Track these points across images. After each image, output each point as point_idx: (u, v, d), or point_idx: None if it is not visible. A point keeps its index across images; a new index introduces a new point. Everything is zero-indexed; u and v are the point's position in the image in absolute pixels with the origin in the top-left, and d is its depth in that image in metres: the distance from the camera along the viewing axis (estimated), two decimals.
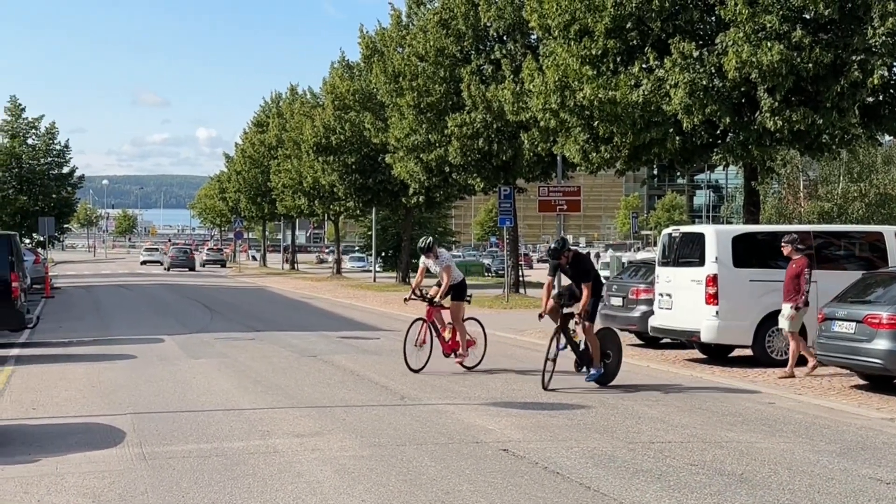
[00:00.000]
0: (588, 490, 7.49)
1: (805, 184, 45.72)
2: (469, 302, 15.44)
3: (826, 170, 41.81)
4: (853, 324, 12.73)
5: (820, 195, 42.92)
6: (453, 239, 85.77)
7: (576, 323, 12.92)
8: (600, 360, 13.08)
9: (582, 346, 13.06)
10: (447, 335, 15.08)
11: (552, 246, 13.25)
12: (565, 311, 13.14)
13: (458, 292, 15.09)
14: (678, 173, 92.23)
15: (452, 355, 15.02)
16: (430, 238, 15.69)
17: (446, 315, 15.18)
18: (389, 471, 8.12)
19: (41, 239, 49.84)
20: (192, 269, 66.54)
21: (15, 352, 17.82)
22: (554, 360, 12.72)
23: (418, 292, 14.97)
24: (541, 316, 13.22)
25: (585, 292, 12.75)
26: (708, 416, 11.01)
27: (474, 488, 7.54)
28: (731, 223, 46.09)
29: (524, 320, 23.97)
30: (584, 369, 13.15)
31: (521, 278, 35.08)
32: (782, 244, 14.51)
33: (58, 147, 54.16)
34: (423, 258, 15.38)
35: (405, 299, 15.43)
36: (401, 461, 8.47)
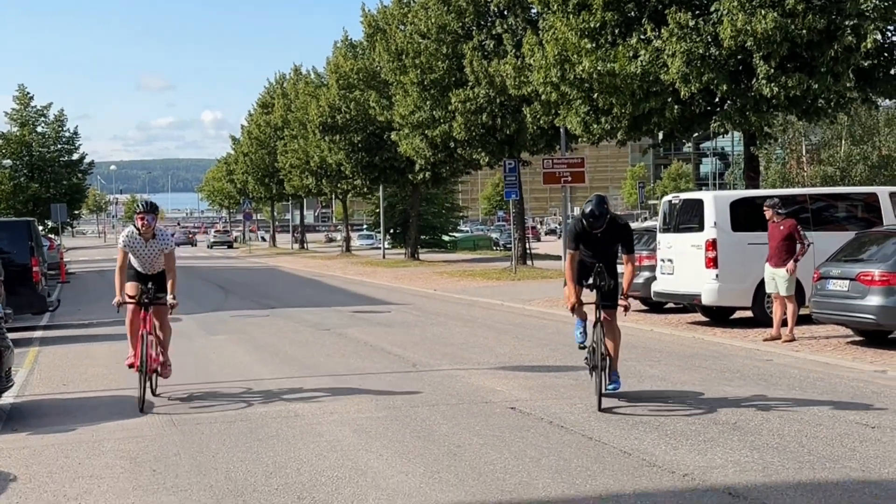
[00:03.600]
0: (590, 440, 8.01)
1: (808, 148, 46.00)
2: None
3: (828, 134, 42.11)
4: (847, 282, 13.20)
5: (822, 159, 43.22)
6: (461, 214, 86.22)
7: (625, 309, 9.58)
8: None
9: (604, 348, 9.52)
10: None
11: (589, 209, 9.38)
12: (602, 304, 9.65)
13: None
14: (683, 141, 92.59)
15: None
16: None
17: None
18: (404, 429, 8.65)
19: (54, 225, 50.42)
20: (194, 245, 77.50)
21: (39, 333, 18.41)
22: (605, 368, 9.50)
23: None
24: (573, 309, 9.86)
25: (630, 267, 9.60)
26: (707, 373, 11.52)
27: (484, 441, 8.07)
28: (736, 189, 46.39)
29: (531, 291, 24.53)
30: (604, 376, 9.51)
31: (527, 251, 35.56)
32: (764, 209, 14.62)
33: (67, 134, 54.65)
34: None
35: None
36: (414, 420, 9.00)
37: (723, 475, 6.83)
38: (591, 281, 9.61)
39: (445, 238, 68.25)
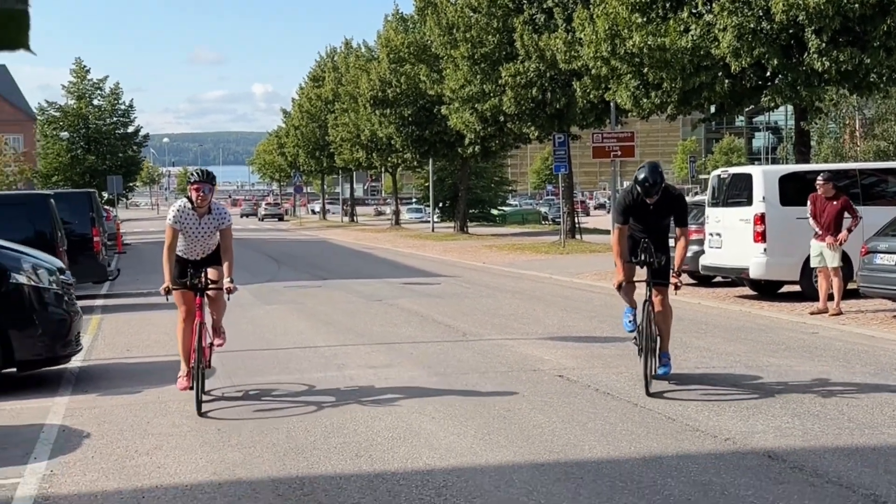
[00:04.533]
0: (635, 406, 8.28)
1: (861, 123, 45.43)
2: None
3: (882, 108, 41.62)
4: (894, 256, 13.28)
5: (876, 134, 42.73)
6: (510, 188, 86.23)
7: (675, 288, 9.03)
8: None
9: (654, 329, 8.98)
10: None
11: (643, 176, 8.75)
12: (653, 281, 9.08)
13: None
14: (736, 116, 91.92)
15: None
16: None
17: None
18: (456, 394, 8.98)
19: (110, 197, 51.46)
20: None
21: (100, 302, 19.01)
22: (653, 350, 8.95)
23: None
24: (619, 287, 9.30)
25: (683, 242, 9.10)
26: (752, 345, 11.71)
27: (532, 406, 8.37)
28: (787, 163, 46.02)
29: (580, 264, 24.73)
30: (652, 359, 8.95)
31: (576, 224, 35.70)
32: (819, 183, 14.55)
33: (122, 107, 55.66)
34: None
35: None
36: (466, 387, 9.33)
37: (763, 440, 7.07)
38: (640, 257, 9.03)
39: (494, 212, 68.39)
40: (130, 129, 55.27)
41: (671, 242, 9.26)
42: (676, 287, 9.00)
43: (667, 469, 6.37)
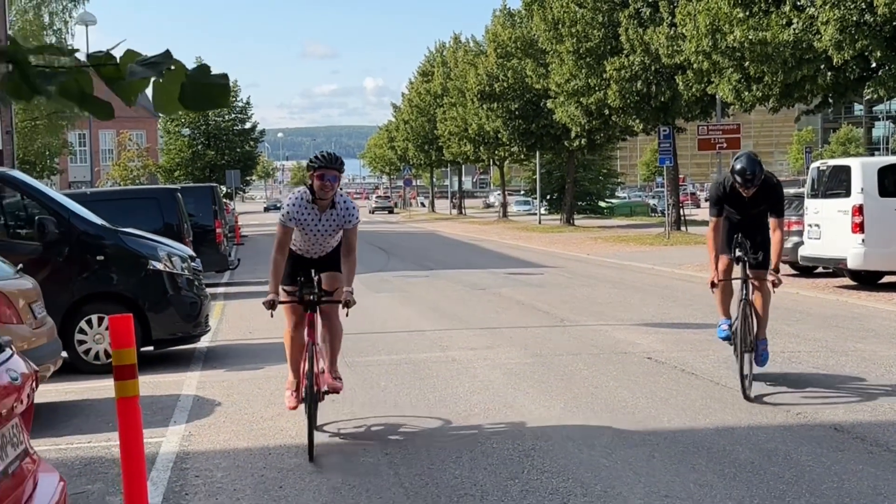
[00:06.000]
0: (716, 385, 8.86)
1: None
2: None
3: None
4: None
5: None
6: (618, 180, 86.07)
7: (773, 285, 8.37)
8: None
9: (752, 331, 8.52)
10: None
11: (740, 166, 8.29)
12: (752, 271, 8.59)
13: None
14: (855, 104, 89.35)
15: None
16: None
17: None
18: (548, 373, 9.69)
19: (228, 190, 53.50)
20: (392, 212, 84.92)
21: (222, 289, 20.28)
22: (751, 352, 8.44)
23: None
24: (714, 284, 8.75)
25: (778, 234, 8.46)
26: (841, 331, 12.08)
27: (619, 384, 9.03)
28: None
29: (683, 255, 25.07)
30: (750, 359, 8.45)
31: (681, 216, 35.86)
32: None
33: (240, 104, 57.67)
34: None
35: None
36: (558, 366, 10.03)
37: (833, 414, 7.59)
38: (734, 253, 8.63)
39: (602, 204, 68.55)
40: (248, 125, 57.34)
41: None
42: (774, 285, 8.33)
43: (737, 438, 6.97)
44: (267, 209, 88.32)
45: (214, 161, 54.23)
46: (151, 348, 11.16)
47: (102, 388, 9.44)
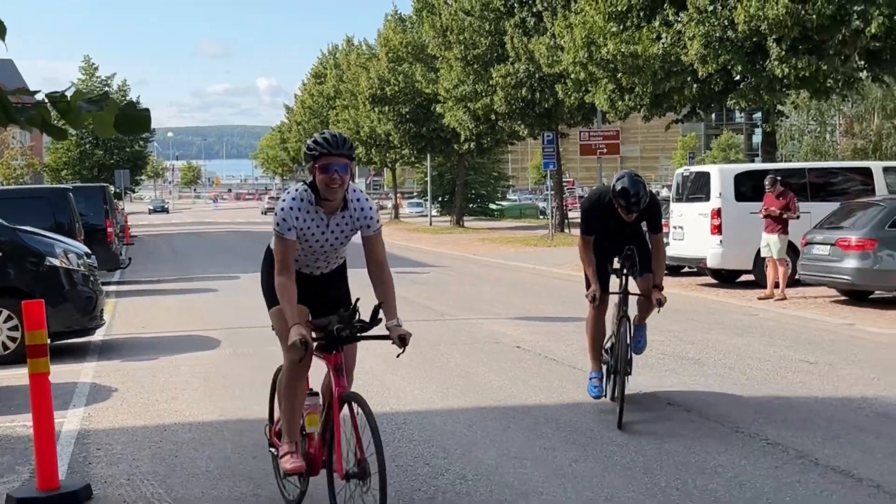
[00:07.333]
0: (574, 369, 9.87)
1: (841, 122, 46.99)
2: None
3: (861, 108, 43.12)
4: (828, 247, 14.86)
5: (854, 132, 44.26)
6: (508, 183, 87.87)
7: (658, 304, 7.70)
8: None
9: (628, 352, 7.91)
10: None
11: (621, 188, 7.45)
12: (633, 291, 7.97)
13: None
14: (738, 112, 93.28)
15: None
16: None
17: None
18: (425, 361, 10.57)
19: (117, 191, 53.09)
20: None
21: (113, 287, 20.61)
22: (625, 373, 7.77)
23: None
24: (594, 298, 8.01)
25: (659, 250, 7.92)
26: (694, 324, 13.28)
27: (487, 370, 9.97)
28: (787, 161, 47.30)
29: (563, 256, 26.30)
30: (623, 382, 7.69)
31: (565, 219, 37.29)
32: (770, 184, 16.09)
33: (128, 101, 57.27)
34: None
35: None
36: (434, 355, 10.92)
37: (667, 387, 8.68)
38: (616, 266, 7.93)
39: (493, 206, 70.07)
40: None
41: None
42: (660, 303, 7.68)
43: (582, 411, 7.97)
44: (153, 211, 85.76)
45: (103, 161, 53.83)
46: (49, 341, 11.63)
47: (3, 376, 9.97)
